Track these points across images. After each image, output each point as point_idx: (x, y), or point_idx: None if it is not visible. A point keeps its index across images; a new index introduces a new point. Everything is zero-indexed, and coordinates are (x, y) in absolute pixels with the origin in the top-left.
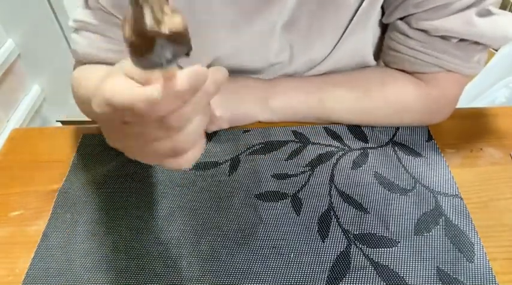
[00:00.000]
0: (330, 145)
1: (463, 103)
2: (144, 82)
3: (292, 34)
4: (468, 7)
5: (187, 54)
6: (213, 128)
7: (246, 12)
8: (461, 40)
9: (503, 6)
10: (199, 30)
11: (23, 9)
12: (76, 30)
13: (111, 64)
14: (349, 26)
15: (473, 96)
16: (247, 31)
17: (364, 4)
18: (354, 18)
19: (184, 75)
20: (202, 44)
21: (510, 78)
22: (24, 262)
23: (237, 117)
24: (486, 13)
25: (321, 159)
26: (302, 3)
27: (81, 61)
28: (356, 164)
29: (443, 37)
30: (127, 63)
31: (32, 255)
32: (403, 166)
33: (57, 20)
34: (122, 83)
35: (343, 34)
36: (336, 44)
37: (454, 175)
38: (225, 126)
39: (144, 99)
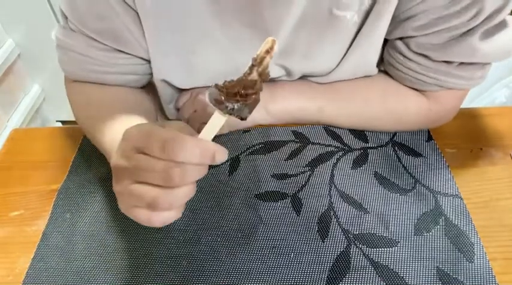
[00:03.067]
0: (330, 145)
1: (463, 103)
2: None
3: (289, 59)
4: (471, 30)
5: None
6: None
7: (236, 40)
8: (463, 62)
9: None
10: (193, 56)
11: (23, 9)
12: (58, 46)
13: (97, 82)
14: (351, 47)
15: (473, 96)
16: (239, 57)
17: (364, 28)
18: (354, 42)
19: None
20: (197, 68)
21: (510, 78)
22: (24, 262)
23: (235, 122)
24: (491, 32)
25: (321, 159)
26: (298, 31)
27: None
28: (356, 164)
29: (445, 61)
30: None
31: (32, 255)
32: (403, 166)
33: (57, 20)
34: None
35: (343, 57)
36: (337, 66)
37: (454, 175)
38: (225, 130)
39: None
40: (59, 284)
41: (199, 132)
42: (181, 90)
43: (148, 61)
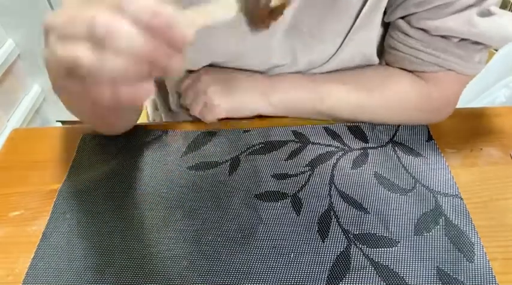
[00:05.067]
0: (330, 145)
1: (463, 103)
2: None
3: (294, 38)
4: (469, 7)
5: None
6: (211, 117)
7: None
8: (462, 39)
9: (503, 6)
10: (199, 32)
11: (23, 9)
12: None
13: None
14: (352, 29)
15: (473, 96)
16: (248, 36)
17: (365, 8)
18: (357, 21)
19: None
20: (202, 46)
21: (510, 78)
22: (24, 262)
23: (236, 107)
24: (487, 13)
25: (321, 159)
26: (303, 9)
27: None
28: (356, 164)
29: (444, 36)
30: None
31: (32, 255)
32: (403, 166)
33: None
34: None
35: (346, 37)
36: (340, 46)
37: (454, 175)
38: (224, 114)
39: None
40: (59, 284)
41: (199, 115)
42: (189, 73)
43: None
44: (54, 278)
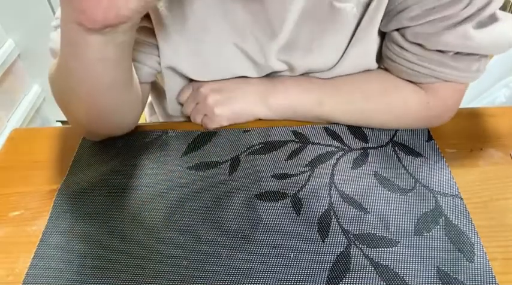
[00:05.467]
0: (330, 145)
1: (463, 103)
2: None
3: (292, 55)
4: (464, 20)
5: None
6: (213, 126)
7: (238, 30)
8: (458, 52)
9: (502, 7)
10: (195, 48)
11: (23, 9)
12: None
13: None
14: (350, 43)
15: (473, 96)
16: (243, 51)
17: (363, 23)
18: (355, 35)
19: None
20: (208, 53)
21: (510, 78)
22: (24, 262)
23: (236, 114)
24: (486, 22)
25: (321, 159)
26: (300, 26)
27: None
28: (356, 164)
29: (439, 50)
30: None
31: (32, 255)
32: (403, 166)
33: None
34: None
35: (345, 51)
36: (339, 60)
37: (454, 175)
38: (225, 123)
39: None
40: (59, 284)
41: (201, 124)
42: (189, 81)
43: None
44: (54, 278)
